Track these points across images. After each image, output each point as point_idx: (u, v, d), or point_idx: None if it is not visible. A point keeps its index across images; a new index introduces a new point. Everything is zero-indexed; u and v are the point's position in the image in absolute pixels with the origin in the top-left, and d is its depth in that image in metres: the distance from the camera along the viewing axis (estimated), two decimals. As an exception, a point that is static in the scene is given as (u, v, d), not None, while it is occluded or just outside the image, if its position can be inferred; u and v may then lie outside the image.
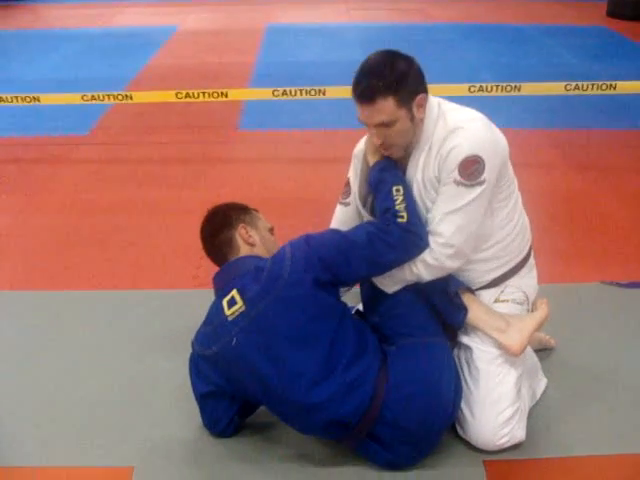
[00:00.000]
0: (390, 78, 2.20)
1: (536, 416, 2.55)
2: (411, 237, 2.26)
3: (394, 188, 2.31)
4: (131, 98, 5.20)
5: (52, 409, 2.66)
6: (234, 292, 2.30)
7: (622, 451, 2.42)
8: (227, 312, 2.28)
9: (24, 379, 2.83)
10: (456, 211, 2.27)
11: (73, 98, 5.25)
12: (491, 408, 2.34)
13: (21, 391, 2.77)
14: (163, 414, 2.61)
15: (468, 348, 2.43)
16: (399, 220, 2.26)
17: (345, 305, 2.40)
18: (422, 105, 2.29)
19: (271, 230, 2.59)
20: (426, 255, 2.30)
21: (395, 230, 2.25)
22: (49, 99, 5.30)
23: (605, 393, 2.69)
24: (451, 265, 2.33)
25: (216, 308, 2.35)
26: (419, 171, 2.36)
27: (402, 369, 2.25)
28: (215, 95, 5.13)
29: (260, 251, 2.47)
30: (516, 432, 2.36)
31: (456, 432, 2.45)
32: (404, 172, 2.41)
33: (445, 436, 2.40)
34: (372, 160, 2.44)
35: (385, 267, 2.32)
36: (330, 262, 2.25)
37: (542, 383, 2.69)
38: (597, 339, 3.02)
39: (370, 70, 2.25)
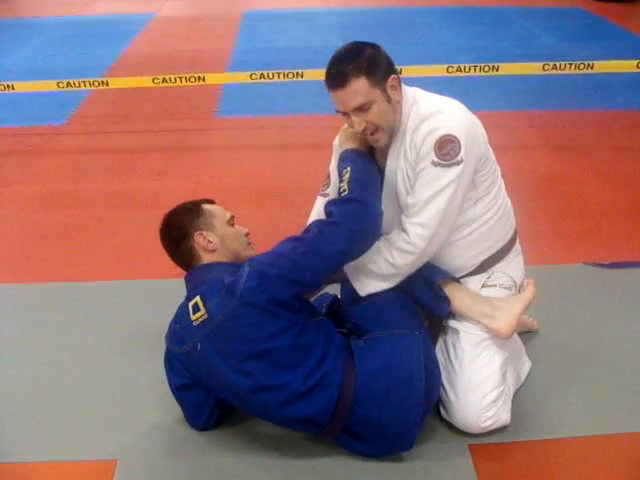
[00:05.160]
0: (359, 61, 2.22)
1: (521, 399, 2.55)
2: (353, 205, 2.22)
3: (344, 171, 2.32)
4: (107, 84, 5.14)
5: (32, 404, 2.63)
6: (198, 298, 2.28)
7: (607, 432, 2.43)
8: (192, 317, 2.27)
9: (3, 373, 2.80)
10: (435, 194, 2.26)
11: (48, 85, 5.18)
12: (476, 390, 2.34)
13: (0, 386, 2.73)
14: (146, 406, 2.59)
15: (455, 331, 2.43)
16: (341, 195, 2.25)
17: (308, 313, 2.32)
18: (395, 87, 2.30)
19: (231, 220, 2.50)
20: (400, 241, 2.30)
21: (334, 209, 2.23)
22: (24, 87, 5.22)
23: (589, 374, 2.70)
24: (427, 249, 2.31)
25: (184, 309, 2.34)
26: (401, 159, 2.37)
27: (371, 366, 2.22)
28: (192, 80, 5.07)
29: (222, 254, 2.42)
30: (501, 415, 2.36)
31: (440, 416, 2.45)
32: (385, 161, 2.41)
33: (429, 420, 2.40)
34: (342, 149, 2.45)
35: (344, 255, 2.24)
36: (290, 274, 2.18)
37: (526, 366, 2.69)
38: (581, 320, 3.03)
39: (339, 58, 2.27)
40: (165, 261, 2.60)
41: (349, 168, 2.31)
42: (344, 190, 2.26)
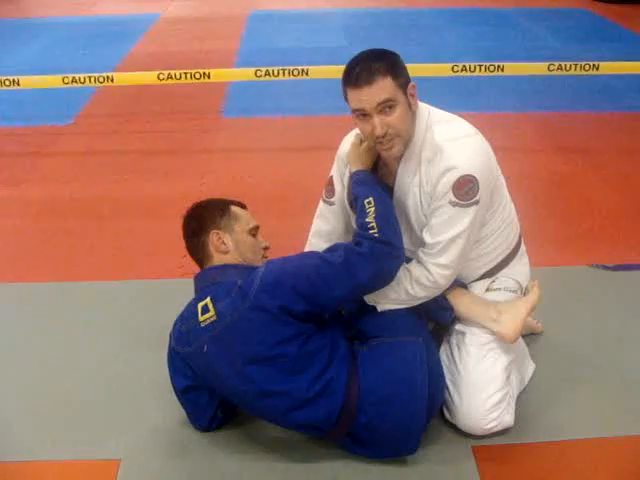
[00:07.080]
0: (384, 62, 2.19)
1: (524, 401, 2.54)
2: (382, 247, 2.20)
3: (365, 201, 2.28)
4: (112, 80, 5.13)
5: (37, 403, 2.64)
6: (208, 300, 2.27)
7: (611, 434, 2.43)
8: (200, 318, 2.26)
9: (7, 373, 2.81)
10: (457, 236, 2.26)
11: (54, 81, 5.17)
12: (480, 392, 2.33)
13: (4, 385, 2.74)
14: (149, 406, 2.59)
15: (460, 332, 2.43)
16: (370, 232, 2.22)
17: (316, 320, 2.28)
18: (414, 95, 2.27)
19: (254, 229, 2.49)
20: (423, 278, 2.30)
21: (365, 243, 2.21)
22: (29, 82, 5.20)
23: (593, 377, 2.69)
24: (445, 284, 2.34)
25: (192, 309, 2.32)
26: (415, 185, 2.33)
27: (374, 373, 2.22)
28: (197, 76, 5.05)
29: (233, 258, 2.40)
30: (505, 417, 2.36)
31: (444, 418, 2.44)
32: (394, 181, 2.39)
33: (432, 422, 2.39)
34: (353, 168, 2.41)
35: (362, 289, 2.27)
36: (306, 291, 2.17)
37: (530, 368, 2.68)
38: (585, 323, 3.02)
39: (363, 58, 2.23)
40: (168, 261, 2.61)
41: (372, 200, 2.27)
42: (372, 227, 2.22)
